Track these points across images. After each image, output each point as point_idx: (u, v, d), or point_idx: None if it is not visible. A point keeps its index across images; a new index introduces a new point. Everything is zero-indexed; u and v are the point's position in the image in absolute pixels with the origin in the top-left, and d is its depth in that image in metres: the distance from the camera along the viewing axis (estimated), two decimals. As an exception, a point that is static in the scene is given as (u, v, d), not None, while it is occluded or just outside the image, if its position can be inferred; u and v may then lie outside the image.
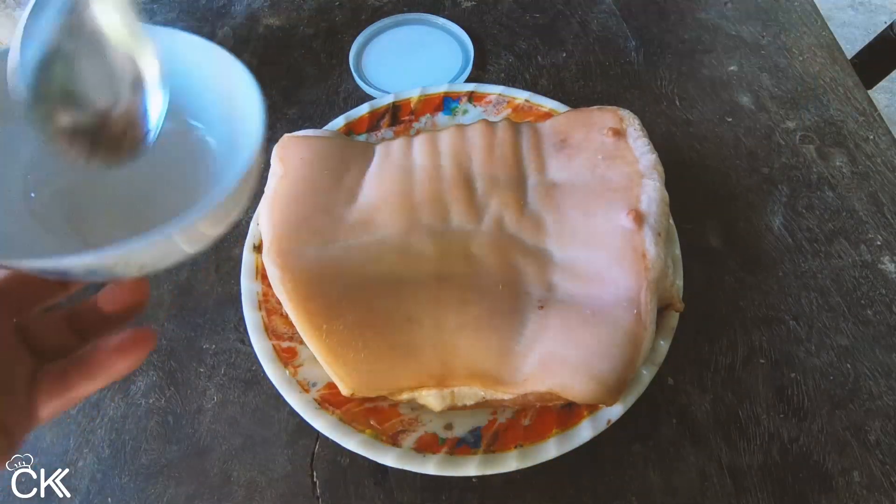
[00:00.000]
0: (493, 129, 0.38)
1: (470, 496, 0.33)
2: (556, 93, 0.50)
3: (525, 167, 0.37)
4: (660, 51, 0.53)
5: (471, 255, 0.33)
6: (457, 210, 0.35)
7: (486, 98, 0.44)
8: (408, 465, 0.30)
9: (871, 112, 0.48)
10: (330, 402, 0.32)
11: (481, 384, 0.30)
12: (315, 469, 0.34)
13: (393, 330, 0.31)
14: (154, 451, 0.34)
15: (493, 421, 0.32)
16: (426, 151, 0.37)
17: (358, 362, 0.30)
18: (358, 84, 0.50)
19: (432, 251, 0.33)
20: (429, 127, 0.43)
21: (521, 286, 0.32)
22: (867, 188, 0.44)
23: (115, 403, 0.36)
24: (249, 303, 0.35)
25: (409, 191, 0.35)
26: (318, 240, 0.34)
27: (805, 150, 0.46)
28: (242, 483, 0.33)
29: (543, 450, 0.30)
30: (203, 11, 0.57)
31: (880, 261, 0.41)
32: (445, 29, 0.54)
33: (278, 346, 0.33)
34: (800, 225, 0.43)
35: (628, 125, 0.37)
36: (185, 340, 0.38)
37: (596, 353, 0.29)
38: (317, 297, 0.31)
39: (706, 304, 0.38)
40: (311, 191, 0.35)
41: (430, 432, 0.31)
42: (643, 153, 0.36)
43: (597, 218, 0.34)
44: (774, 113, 0.49)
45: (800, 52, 0.53)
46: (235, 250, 0.41)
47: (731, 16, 0.56)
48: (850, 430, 0.34)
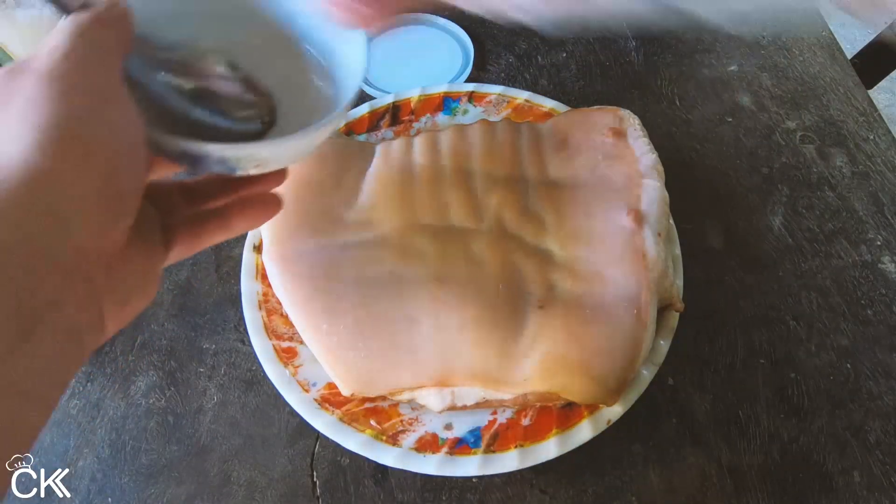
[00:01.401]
0: (493, 129, 0.38)
1: (470, 496, 0.33)
2: (556, 93, 0.50)
3: (525, 167, 0.37)
4: (660, 51, 0.53)
5: (471, 255, 0.33)
6: (457, 210, 0.35)
7: (487, 98, 0.44)
8: (408, 465, 0.30)
9: (871, 112, 0.48)
10: (330, 402, 0.32)
11: (481, 384, 0.30)
12: (315, 469, 0.34)
13: (393, 330, 0.31)
14: (154, 451, 0.34)
15: (493, 421, 0.32)
16: (426, 151, 0.37)
17: (358, 362, 0.30)
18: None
19: (432, 251, 0.33)
20: (429, 127, 0.43)
21: (521, 286, 0.32)
22: (867, 188, 0.44)
23: (115, 403, 0.36)
24: (249, 303, 0.35)
25: (410, 190, 0.35)
26: (318, 240, 0.34)
27: (805, 150, 0.46)
28: (242, 483, 0.33)
29: (543, 450, 0.30)
30: (203, 11, 0.57)
31: (880, 261, 0.41)
32: (445, 29, 0.54)
33: (278, 346, 0.33)
34: (800, 225, 0.43)
35: (628, 125, 0.38)
36: (186, 340, 0.38)
37: (596, 353, 0.29)
38: (317, 297, 0.31)
39: (706, 304, 0.38)
40: (312, 191, 0.35)
41: (430, 432, 0.31)
42: (643, 153, 0.36)
43: (597, 218, 0.34)
44: (774, 113, 0.49)
45: (800, 52, 0.53)
46: (235, 250, 0.41)
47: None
48: (850, 430, 0.34)
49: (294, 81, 0.27)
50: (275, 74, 0.25)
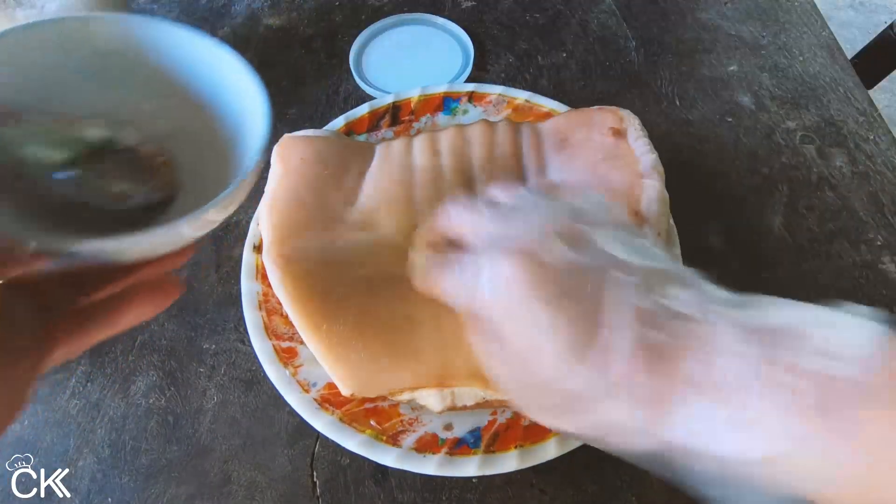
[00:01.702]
0: (493, 130, 0.38)
1: (470, 496, 0.33)
2: (556, 93, 0.50)
3: (525, 167, 0.37)
4: (660, 51, 0.53)
5: (471, 255, 0.33)
6: (457, 210, 0.35)
7: (487, 98, 0.44)
8: (408, 465, 0.30)
9: (871, 112, 0.48)
10: (330, 402, 0.32)
11: (482, 384, 0.30)
12: (315, 469, 0.34)
13: (393, 330, 0.31)
14: (154, 451, 0.34)
15: (492, 421, 0.32)
16: (426, 151, 0.37)
17: (358, 362, 0.30)
18: (358, 84, 0.50)
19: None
20: (429, 127, 0.43)
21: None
22: (867, 188, 0.44)
23: (115, 403, 0.36)
24: (249, 303, 0.35)
25: (410, 191, 0.35)
26: (319, 240, 0.33)
27: (805, 150, 0.46)
28: (242, 483, 0.33)
29: (543, 450, 0.30)
30: (203, 11, 0.57)
31: (880, 261, 0.41)
32: (445, 29, 0.54)
33: (278, 346, 0.33)
34: (800, 225, 0.43)
35: (628, 125, 0.37)
36: (185, 340, 0.38)
37: (596, 354, 0.29)
38: (317, 297, 0.31)
39: (706, 304, 0.38)
40: (311, 191, 0.35)
41: (430, 432, 0.31)
42: (643, 153, 0.36)
43: (597, 218, 0.34)
44: (774, 113, 0.49)
45: (800, 52, 0.53)
46: (235, 250, 0.41)
47: (730, 16, 0.56)
48: (850, 431, 0.34)
49: (196, 140, 0.24)
50: (174, 135, 0.23)
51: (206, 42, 0.24)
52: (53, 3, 0.40)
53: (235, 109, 0.24)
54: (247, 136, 0.23)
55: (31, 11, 0.39)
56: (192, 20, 0.56)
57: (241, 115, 0.24)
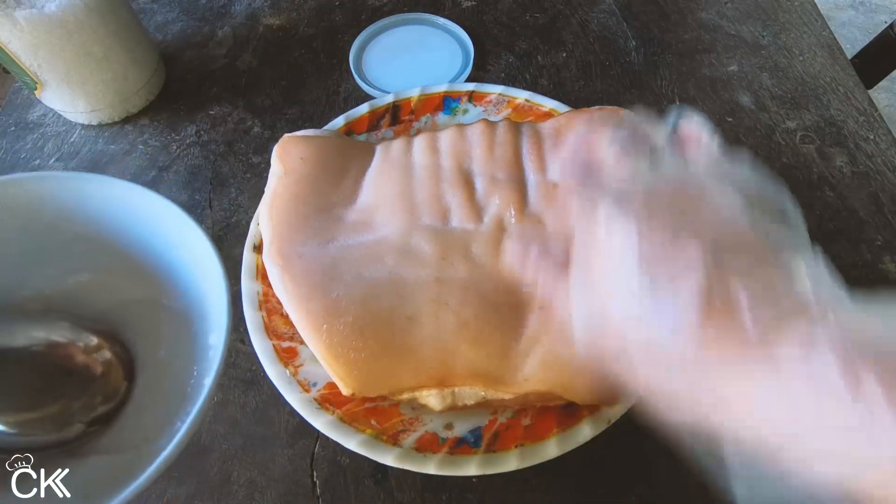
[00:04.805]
0: (493, 129, 0.38)
1: (470, 496, 0.33)
2: (557, 93, 0.50)
3: (526, 167, 0.37)
4: (660, 51, 0.53)
5: (471, 255, 0.33)
6: (457, 210, 0.35)
7: (487, 98, 0.44)
8: (408, 465, 0.30)
9: (871, 112, 0.48)
10: (330, 402, 0.32)
11: (482, 384, 0.30)
12: (315, 469, 0.34)
13: (393, 330, 0.31)
14: (154, 451, 0.34)
15: (493, 421, 0.32)
16: (426, 151, 0.37)
17: (358, 362, 0.30)
18: (358, 84, 0.50)
19: (432, 251, 0.33)
20: (429, 127, 0.43)
21: (521, 286, 0.32)
22: (867, 188, 0.44)
23: (115, 403, 0.36)
24: (249, 303, 0.35)
25: (410, 190, 0.35)
26: (318, 240, 0.33)
27: (805, 150, 0.46)
28: (242, 483, 0.33)
29: (544, 449, 0.30)
30: (203, 11, 0.57)
31: (881, 261, 0.41)
32: (445, 29, 0.54)
33: (278, 346, 0.33)
34: (800, 225, 0.42)
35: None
36: (185, 340, 0.38)
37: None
38: (317, 297, 0.31)
39: (706, 303, 0.38)
40: (311, 191, 0.35)
41: (431, 432, 0.31)
42: (643, 153, 0.36)
43: (597, 218, 0.34)
44: (774, 113, 0.49)
45: (800, 51, 0.53)
46: (235, 250, 0.41)
47: (731, 15, 0.56)
48: (850, 430, 0.34)
49: (149, 308, 0.22)
50: (125, 305, 0.20)
51: (149, 197, 0.22)
52: (53, 2, 0.40)
53: (190, 270, 0.22)
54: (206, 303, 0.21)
55: (31, 11, 0.39)
56: (192, 20, 0.56)
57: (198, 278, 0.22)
